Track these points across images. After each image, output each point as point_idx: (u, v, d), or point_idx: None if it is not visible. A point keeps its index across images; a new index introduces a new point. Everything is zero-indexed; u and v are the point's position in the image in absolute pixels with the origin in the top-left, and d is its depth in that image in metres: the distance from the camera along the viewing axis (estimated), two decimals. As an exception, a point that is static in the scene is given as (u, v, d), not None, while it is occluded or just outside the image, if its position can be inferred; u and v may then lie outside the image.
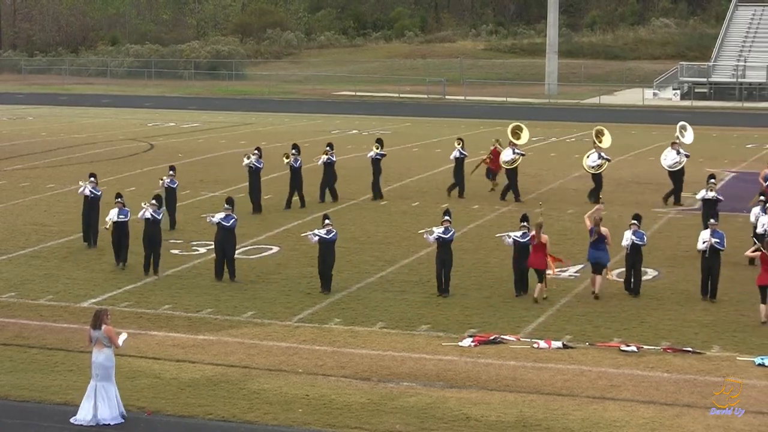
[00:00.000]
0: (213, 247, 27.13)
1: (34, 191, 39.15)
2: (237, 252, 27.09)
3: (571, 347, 21.31)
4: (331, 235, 25.26)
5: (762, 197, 28.96)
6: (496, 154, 38.29)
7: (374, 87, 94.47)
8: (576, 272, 27.23)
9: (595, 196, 36.44)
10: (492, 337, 21.77)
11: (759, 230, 27.24)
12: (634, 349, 21.10)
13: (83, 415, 17.32)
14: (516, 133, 38.52)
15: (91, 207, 29.91)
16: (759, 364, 20.28)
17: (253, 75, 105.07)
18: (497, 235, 27.06)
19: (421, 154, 47.92)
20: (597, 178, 37.03)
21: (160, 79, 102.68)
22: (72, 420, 17.36)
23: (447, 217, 25.29)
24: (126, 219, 27.72)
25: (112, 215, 27.64)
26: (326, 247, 25.33)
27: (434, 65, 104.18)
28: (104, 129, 61.32)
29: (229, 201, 26.89)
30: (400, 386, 19.12)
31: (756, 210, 28.50)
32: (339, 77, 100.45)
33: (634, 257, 25.10)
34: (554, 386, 19.15)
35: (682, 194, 37.01)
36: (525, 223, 25.32)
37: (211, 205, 32.76)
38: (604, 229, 25.30)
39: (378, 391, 18.86)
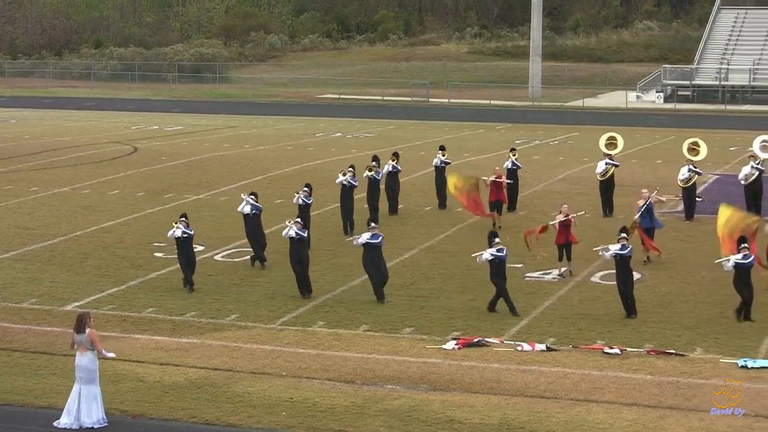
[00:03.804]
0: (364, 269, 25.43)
1: (17, 194, 39.05)
2: (220, 255, 26.92)
3: (555, 350, 21.35)
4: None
5: None
6: (499, 184, 33.84)
7: (358, 90, 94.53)
8: (559, 274, 27.28)
9: (688, 214, 34.72)
10: (476, 340, 21.80)
11: None
12: (618, 351, 21.15)
13: (66, 418, 17.29)
14: (611, 143, 37.07)
15: (185, 247, 26.18)
16: (742, 366, 20.35)
17: (236, 78, 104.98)
18: (594, 248, 25.38)
19: (405, 157, 47.86)
20: (686, 193, 34.91)
21: (143, 82, 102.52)
22: (55, 424, 17.33)
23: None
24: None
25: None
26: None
27: (418, 68, 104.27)
28: (88, 132, 61.17)
29: (375, 219, 25.58)
30: (383, 389, 19.13)
31: None
32: (323, 80, 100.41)
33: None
34: (538, 389, 19.19)
35: (676, 197, 37.09)
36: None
37: (196, 209, 32.65)
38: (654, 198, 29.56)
39: (362, 394, 18.86)
